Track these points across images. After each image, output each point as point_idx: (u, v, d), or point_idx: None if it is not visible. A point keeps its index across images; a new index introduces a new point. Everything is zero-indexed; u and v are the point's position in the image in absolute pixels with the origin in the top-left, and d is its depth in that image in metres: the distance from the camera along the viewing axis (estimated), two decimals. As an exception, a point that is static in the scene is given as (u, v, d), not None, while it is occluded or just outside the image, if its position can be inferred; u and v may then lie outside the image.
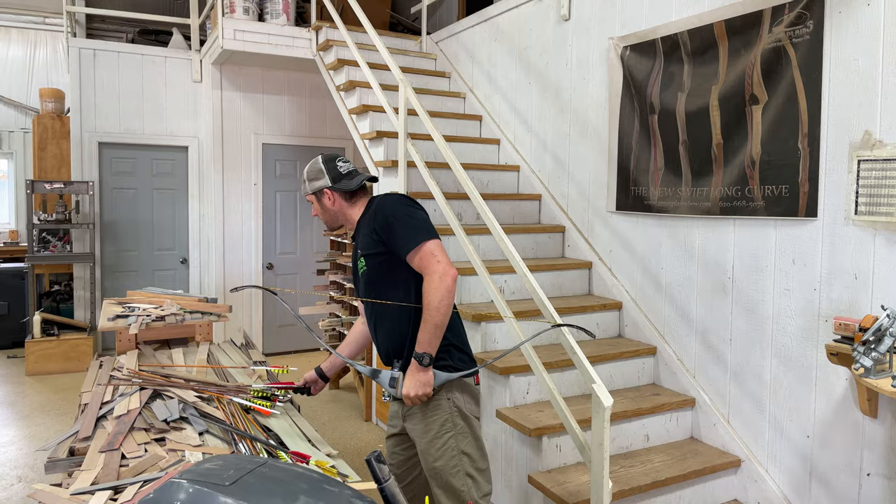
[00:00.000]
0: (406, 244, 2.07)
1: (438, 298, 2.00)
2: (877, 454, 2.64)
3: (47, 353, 5.72)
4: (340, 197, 2.29)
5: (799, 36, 2.84)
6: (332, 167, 2.28)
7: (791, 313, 2.93)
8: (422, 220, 2.11)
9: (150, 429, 2.20)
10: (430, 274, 2.02)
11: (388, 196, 2.19)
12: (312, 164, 2.30)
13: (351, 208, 2.31)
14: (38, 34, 8.11)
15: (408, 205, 2.15)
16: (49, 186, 5.76)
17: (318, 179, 2.28)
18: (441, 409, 2.15)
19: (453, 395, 2.16)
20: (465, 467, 2.13)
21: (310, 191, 2.31)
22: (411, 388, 2.05)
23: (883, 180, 2.58)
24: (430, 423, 2.17)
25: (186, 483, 1.06)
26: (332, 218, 2.34)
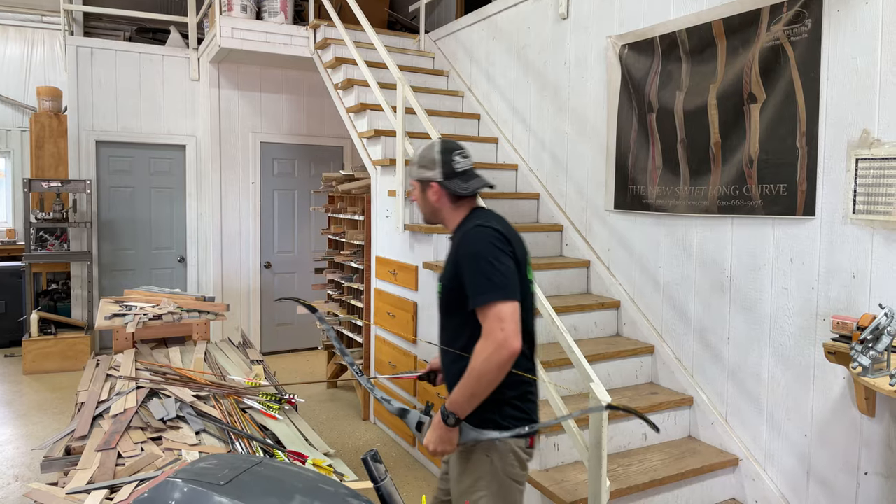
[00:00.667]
0: (476, 296, 1.81)
1: (485, 370, 1.74)
2: (875, 453, 2.64)
3: (44, 352, 5.70)
4: (447, 196, 2.01)
5: (797, 34, 2.84)
6: (447, 160, 2.00)
7: (789, 312, 2.92)
8: (503, 272, 1.81)
9: (146, 428, 2.19)
10: (487, 338, 1.76)
11: (480, 230, 1.89)
12: (427, 150, 2.03)
13: (453, 212, 2.03)
14: (35, 32, 8.09)
15: (496, 247, 1.85)
16: (46, 185, 5.74)
17: (429, 169, 2.01)
18: (479, 466, 1.91)
19: (493, 455, 1.90)
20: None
21: (416, 177, 2.05)
22: (431, 441, 1.83)
23: (881, 179, 2.58)
24: (465, 475, 1.95)
25: (181, 482, 1.06)
26: (432, 213, 2.07)
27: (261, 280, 6.47)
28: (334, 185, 5.15)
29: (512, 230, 1.96)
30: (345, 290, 5.10)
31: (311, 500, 1.04)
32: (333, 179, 5.18)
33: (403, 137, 3.94)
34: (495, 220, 1.94)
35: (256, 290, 6.44)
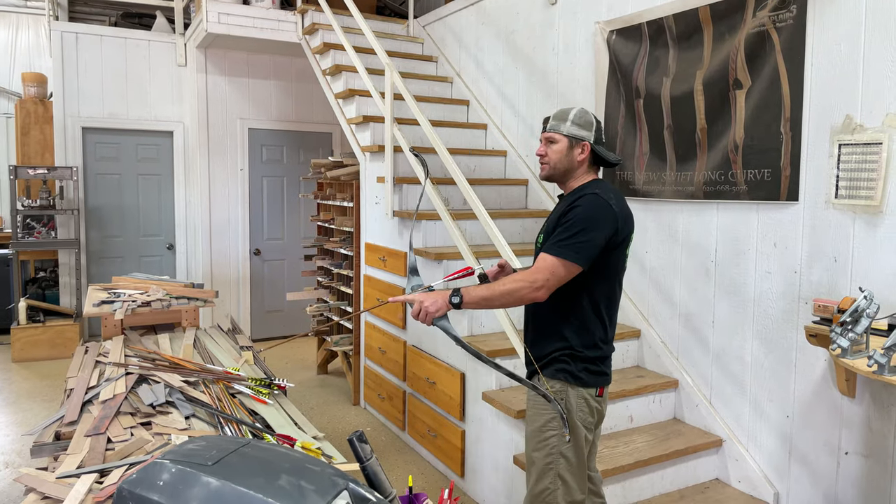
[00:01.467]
0: (553, 243, 2.00)
1: (511, 293, 1.94)
2: (855, 433, 2.70)
3: (33, 340, 5.69)
4: (589, 158, 2.15)
5: (782, 21, 2.86)
6: (599, 129, 2.16)
7: (772, 296, 2.97)
8: (588, 242, 1.97)
9: (136, 413, 2.20)
10: (532, 275, 1.95)
11: (598, 200, 2.03)
12: (583, 113, 2.14)
13: (583, 175, 2.16)
14: (20, 17, 7.97)
15: (601, 222, 2.00)
16: (32, 172, 5.70)
17: (586, 130, 2.13)
18: (550, 407, 2.10)
19: (568, 398, 2.11)
20: (559, 468, 2.10)
21: (568, 133, 2.13)
22: (426, 300, 1.94)
23: (863, 164, 2.61)
24: (538, 414, 2.15)
25: (169, 463, 1.08)
26: (564, 170, 2.16)
27: (250, 267, 6.47)
28: (323, 171, 5.14)
29: (625, 208, 2.11)
30: (334, 276, 5.11)
31: (297, 480, 1.06)
32: (322, 166, 5.17)
33: (392, 124, 3.93)
34: (614, 196, 2.08)
35: (246, 277, 6.44)
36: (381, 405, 4.29)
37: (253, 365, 2.87)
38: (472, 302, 1.97)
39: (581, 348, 2.11)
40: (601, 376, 2.15)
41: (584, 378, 2.11)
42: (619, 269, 2.15)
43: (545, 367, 2.16)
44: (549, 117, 2.20)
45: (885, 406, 2.59)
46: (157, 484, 1.05)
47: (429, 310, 1.93)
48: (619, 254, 2.10)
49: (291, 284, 6.53)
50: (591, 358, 2.12)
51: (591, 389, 2.13)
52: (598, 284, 2.09)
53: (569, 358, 2.11)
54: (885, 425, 2.60)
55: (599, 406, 2.18)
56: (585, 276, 2.04)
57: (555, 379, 2.13)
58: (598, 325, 2.12)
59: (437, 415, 3.56)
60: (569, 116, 2.14)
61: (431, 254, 3.58)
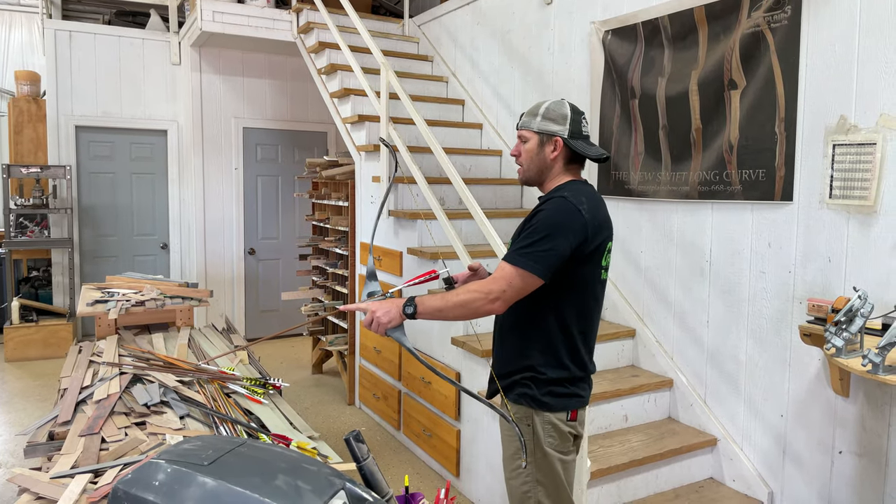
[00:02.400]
0: (514, 250, 1.83)
1: (465, 305, 1.79)
2: (849, 432, 2.71)
3: (26, 340, 5.66)
4: (564, 156, 1.96)
5: (777, 21, 2.87)
6: (576, 121, 1.95)
7: (766, 295, 2.98)
8: (550, 251, 1.78)
9: (130, 413, 2.20)
10: (488, 286, 1.79)
11: (565, 204, 1.84)
12: (556, 105, 1.96)
13: (559, 174, 1.97)
14: (12, 15, 7.93)
15: (566, 228, 1.81)
16: (25, 171, 5.67)
17: (557, 124, 1.93)
18: (512, 430, 1.96)
19: (534, 424, 1.94)
20: (538, 496, 1.95)
21: (537, 128, 1.95)
22: (379, 309, 1.81)
23: (857, 164, 2.62)
24: (509, 441, 2.01)
25: (165, 463, 1.07)
26: (539, 169, 1.98)
27: (245, 266, 6.45)
28: (318, 170, 5.13)
29: (599, 214, 1.90)
30: (329, 276, 5.10)
31: (293, 480, 1.06)
32: (317, 165, 5.16)
33: (387, 123, 3.93)
34: (586, 200, 1.87)
35: (240, 276, 6.42)
36: (377, 405, 4.28)
37: (248, 365, 2.86)
38: (426, 313, 1.82)
39: (544, 369, 1.92)
40: (571, 398, 1.95)
41: (549, 402, 1.92)
42: (591, 282, 1.93)
43: (508, 390, 1.99)
44: (523, 113, 2.04)
45: (879, 405, 2.60)
46: (152, 484, 1.05)
47: (381, 320, 1.80)
48: (591, 266, 1.90)
49: (286, 284, 6.52)
50: (557, 379, 1.92)
51: (561, 413, 1.93)
52: (566, 299, 1.90)
53: (530, 381, 1.93)
54: (878, 424, 2.61)
55: (573, 430, 1.98)
56: (551, 289, 1.86)
57: (517, 404, 1.96)
58: (566, 344, 1.93)
59: (433, 414, 3.56)
60: (539, 110, 1.97)
61: (427, 253, 3.58)
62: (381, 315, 1.80)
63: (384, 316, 1.81)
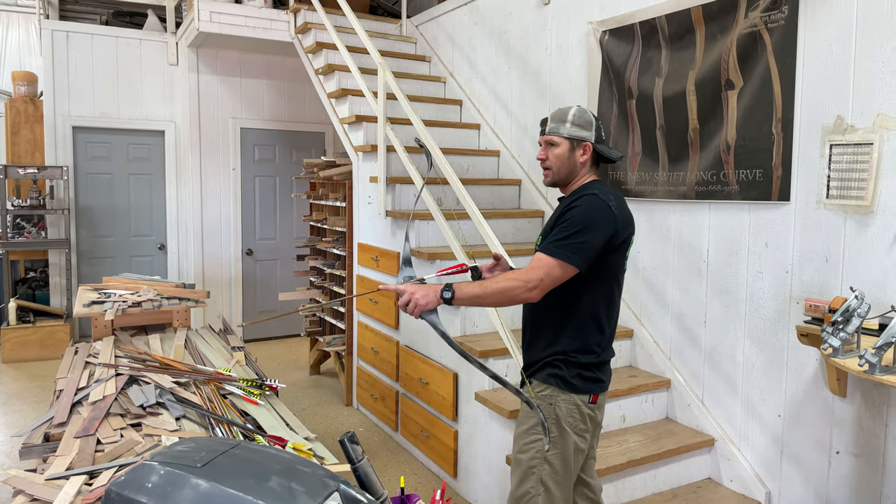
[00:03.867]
0: (550, 243, 1.95)
1: (504, 292, 1.90)
2: (846, 432, 2.71)
3: (23, 341, 5.65)
4: (591, 158, 2.10)
5: (774, 21, 2.87)
6: (599, 127, 2.11)
7: (764, 295, 2.98)
8: (585, 243, 1.93)
9: (126, 414, 2.19)
10: (527, 274, 1.91)
11: (597, 201, 1.99)
12: (583, 112, 2.10)
13: (585, 175, 2.12)
14: (9, 16, 7.92)
15: (600, 223, 1.96)
16: (22, 171, 5.65)
17: (586, 130, 2.08)
18: (543, 411, 2.05)
19: (557, 403, 2.06)
20: (542, 473, 2.06)
21: (568, 134, 2.08)
22: (417, 293, 1.88)
23: (854, 164, 2.62)
24: (527, 416, 2.12)
25: (158, 465, 1.07)
26: (568, 172, 2.11)
27: (242, 267, 6.44)
28: (316, 171, 5.13)
29: (625, 209, 2.06)
30: (327, 276, 5.09)
31: (287, 481, 1.06)
32: (315, 166, 5.15)
33: (385, 123, 3.93)
34: (613, 198, 2.03)
35: (238, 277, 6.41)
36: (374, 405, 4.27)
37: (244, 366, 2.85)
38: (464, 298, 1.92)
39: (575, 353, 2.06)
40: (595, 383, 2.09)
41: (577, 384, 2.05)
42: (617, 271, 2.09)
43: (538, 371, 2.11)
44: (547, 119, 2.14)
45: (876, 405, 2.60)
46: (145, 486, 1.04)
47: (419, 302, 1.88)
48: (618, 256, 2.05)
49: (284, 284, 6.51)
50: (586, 364, 2.06)
51: (584, 396, 2.07)
52: (595, 287, 2.04)
53: (561, 363, 2.06)
54: (875, 424, 2.61)
55: (593, 413, 2.11)
56: (583, 279, 2.00)
57: (545, 383, 2.08)
58: (595, 330, 2.07)
59: (430, 415, 3.56)
60: (567, 117, 2.09)
61: (424, 254, 3.58)
62: (419, 297, 1.89)
63: (422, 298, 1.89)
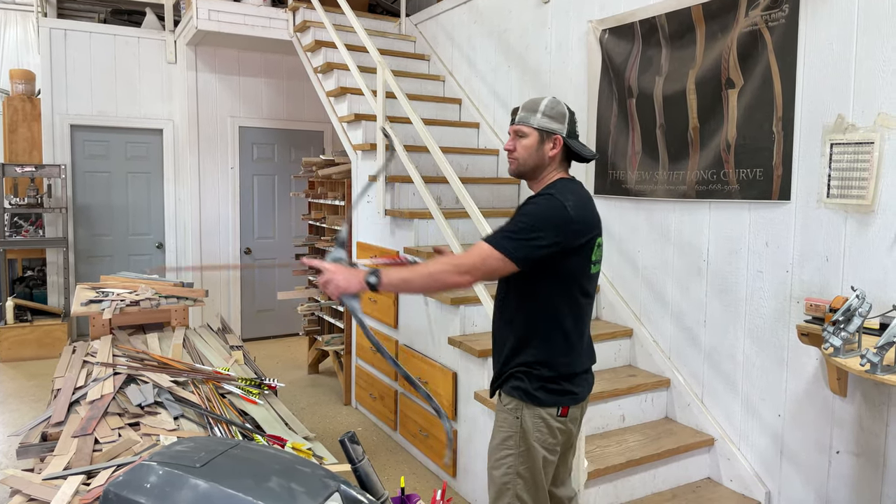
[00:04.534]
0: (495, 234, 1.87)
1: (434, 276, 1.83)
2: (846, 432, 2.70)
3: (21, 340, 5.63)
4: (561, 153, 1.99)
5: (775, 20, 2.86)
6: (573, 121, 2.01)
7: (764, 295, 2.97)
8: (529, 240, 1.83)
9: (124, 413, 2.18)
10: (460, 260, 1.85)
11: (552, 201, 1.89)
12: (555, 104, 1.99)
13: (553, 171, 2.01)
14: (7, 14, 7.89)
15: (549, 224, 1.85)
16: (20, 170, 5.63)
17: (556, 122, 1.97)
18: (507, 424, 2.01)
19: (523, 416, 1.97)
20: (516, 488, 1.99)
21: (538, 125, 1.97)
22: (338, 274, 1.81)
23: (854, 164, 2.62)
24: (497, 430, 2.05)
25: (157, 465, 1.06)
26: (535, 164, 2.00)
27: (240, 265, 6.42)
28: (314, 169, 5.11)
29: (586, 211, 1.94)
30: (326, 275, 5.07)
31: (287, 482, 1.05)
32: (313, 164, 5.14)
33: (384, 122, 3.91)
34: (572, 198, 1.91)
35: (236, 276, 6.39)
36: (373, 405, 4.26)
37: (243, 365, 2.84)
38: (391, 284, 1.83)
39: (538, 365, 1.95)
40: (563, 395, 1.97)
41: (541, 397, 1.95)
42: (579, 276, 1.95)
43: (504, 383, 2.04)
44: (518, 108, 2.04)
45: (877, 405, 2.60)
46: (143, 486, 1.03)
47: (339, 284, 1.80)
48: (578, 260, 1.93)
49: (282, 283, 6.50)
50: (549, 376, 1.95)
51: (551, 409, 1.96)
52: (556, 294, 1.94)
53: (524, 375, 1.97)
54: (876, 424, 2.60)
55: (564, 426, 2.00)
56: (540, 285, 1.92)
57: (510, 396, 2.01)
58: (560, 340, 1.96)
59: (429, 414, 3.55)
60: (539, 107, 1.98)
61: (423, 253, 3.57)
62: (340, 279, 1.81)
63: (343, 281, 1.81)
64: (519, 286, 1.97)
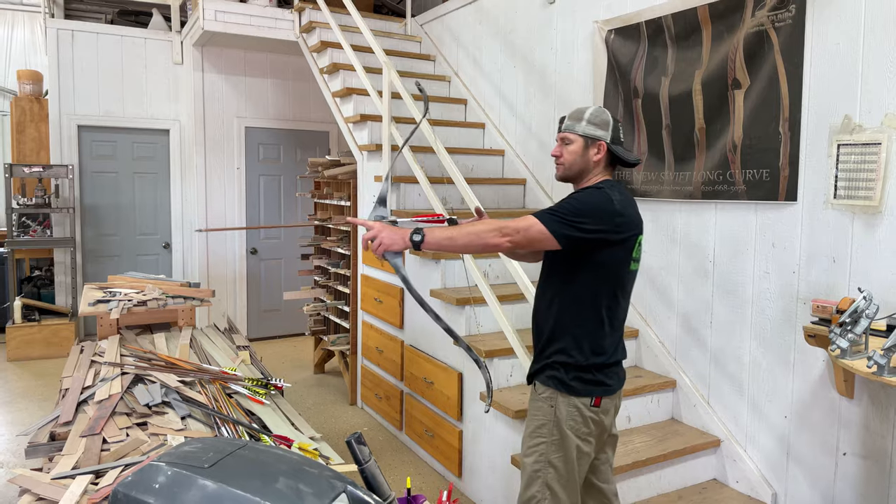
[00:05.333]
0: (544, 212, 1.94)
1: (477, 236, 1.89)
2: (853, 434, 2.69)
3: (28, 339, 5.66)
4: (605, 158, 2.09)
5: (781, 20, 2.85)
6: (616, 128, 2.10)
7: (770, 296, 2.96)
8: (573, 221, 1.91)
9: (131, 413, 2.19)
10: (505, 221, 1.91)
11: (598, 192, 2.00)
12: (599, 112, 2.09)
13: (598, 175, 2.10)
14: (14, 15, 7.94)
15: (596, 208, 1.95)
16: (28, 170, 5.67)
17: (602, 129, 2.07)
18: (541, 413, 2.08)
19: (558, 405, 2.05)
20: (547, 477, 2.04)
21: (583, 132, 2.07)
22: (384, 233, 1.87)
23: (862, 164, 2.61)
24: (531, 418, 2.12)
25: (165, 466, 1.07)
26: (581, 169, 2.09)
27: (247, 266, 6.45)
28: (320, 170, 5.13)
29: (631, 209, 2.04)
30: (331, 275, 5.09)
31: (295, 482, 1.05)
32: (319, 165, 5.15)
33: (390, 122, 3.92)
34: (619, 195, 2.02)
35: (242, 276, 6.42)
36: (379, 405, 4.27)
37: (250, 365, 2.85)
38: (434, 242, 1.89)
39: (574, 355, 2.04)
40: (598, 386, 2.05)
41: (576, 387, 2.04)
42: (619, 270, 2.03)
43: (540, 373, 2.12)
44: (565, 117, 2.15)
45: (884, 407, 2.59)
46: (152, 487, 1.04)
47: (384, 240, 1.86)
48: (619, 254, 2.01)
49: (288, 284, 6.52)
50: (585, 366, 2.03)
51: (585, 399, 2.04)
52: (595, 283, 2.02)
53: (560, 365, 2.05)
54: (883, 426, 2.59)
55: (597, 417, 2.07)
56: (581, 273, 2.00)
57: (546, 385, 2.09)
58: (596, 331, 2.04)
59: (435, 415, 3.55)
60: (584, 115, 2.09)
61: (429, 253, 3.57)
62: (385, 236, 1.87)
63: (387, 238, 1.87)
64: (560, 272, 2.07)
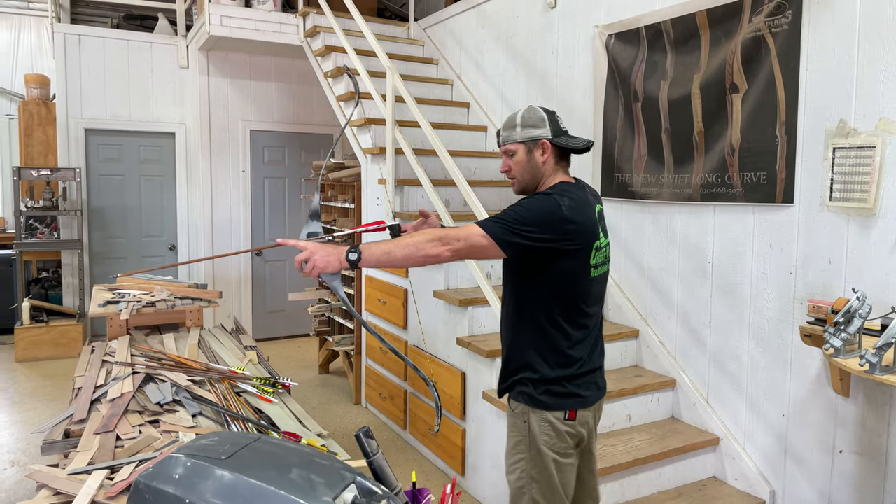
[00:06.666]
0: (488, 219, 1.86)
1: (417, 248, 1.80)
2: (849, 431, 2.74)
3: (36, 340, 5.73)
4: (554, 154, 2.00)
5: (778, 26, 2.90)
6: (553, 119, 2.00)
7: (768, 296, 3.01)
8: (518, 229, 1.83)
9: (143, 411, 2.25)
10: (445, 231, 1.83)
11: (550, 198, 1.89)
12: (531, 111, 2.01)
13: (552, 175, 2.01)
14: (22, 19, 8.02)
15: (543, 215, 1.85)
16: (36, 173, 5.74)
17: (537, 128, 1.98)
18: (516, 429, 2.02)
19: (530, 421, 1.98)
20: (532, 492, 1.99)
21: (520, 138, 2.00)
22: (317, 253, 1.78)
23: (856, 167, 2.66)
24: (509, 435, 2.07)
25: (184, 457, 1.12)
26: (532, 176, 2.02)
27: (252, 268, 6.51)
28: (324, 173, 5.19)
29: (583, 215, 1.91)
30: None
31: (307, 473, 1.11)
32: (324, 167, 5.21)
33: (393, 126, 3.98)
34: (569, 201, 1.89)
35: (248, 277, 6.48)
36: (383, 404, 4.33)
37: (257, 364, 2.91)
38: (373, 259, 1.80)
39: (539, 369, 1.96)
40: (571, 398, 1.97)
41: (546, 401, 1.96)
42: (576, 279, 1.94)
43: (510, 389, 2.06)
44: (499, 130, 2.08)
45: (879, 405, 2.64)
46: (172, 477, 1.10)
47: (317, 263, 1.77)
48: (574, 262, 1.92)
49: (293, 285, 6.58)
50: (553, 379, 1.96)
51: (557, 412, 1.96)
52: (554, 299, 1.94)
53: (528, 380, 1.99)
54: (878, 424, 2.64)
55: (574, 430, 1.98)
56: (537, 286, 1.94)
57: (517, 401, 2.03)
58: (559, 344, 1.96)
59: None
60: (517, 121, 2.02)
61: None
62: (318, 258, 1.78)
63: (321, 260, 1.78)
64: (517, 283, 2.01)
